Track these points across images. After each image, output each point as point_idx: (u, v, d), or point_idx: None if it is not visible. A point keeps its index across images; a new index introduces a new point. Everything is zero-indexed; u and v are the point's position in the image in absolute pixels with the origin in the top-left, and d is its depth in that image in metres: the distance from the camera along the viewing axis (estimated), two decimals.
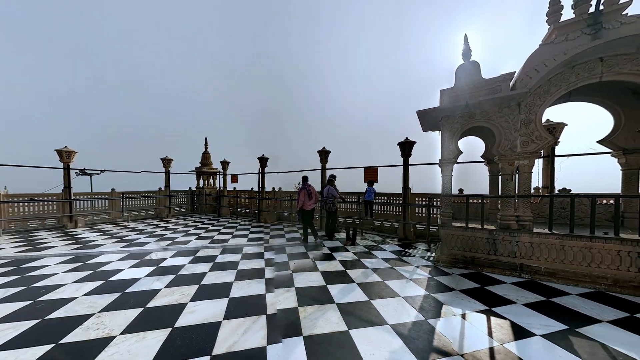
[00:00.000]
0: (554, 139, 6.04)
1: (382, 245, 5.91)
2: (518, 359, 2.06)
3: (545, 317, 2.66)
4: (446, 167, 4.56)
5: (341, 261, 4.68)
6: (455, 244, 4.37)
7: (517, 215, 3.94)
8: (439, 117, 4.65)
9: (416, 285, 3.53)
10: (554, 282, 3.56)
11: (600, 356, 2.08)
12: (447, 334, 2.40)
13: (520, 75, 3.91)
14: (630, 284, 3.20)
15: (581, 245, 3.48)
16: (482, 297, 3.16)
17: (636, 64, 3.26)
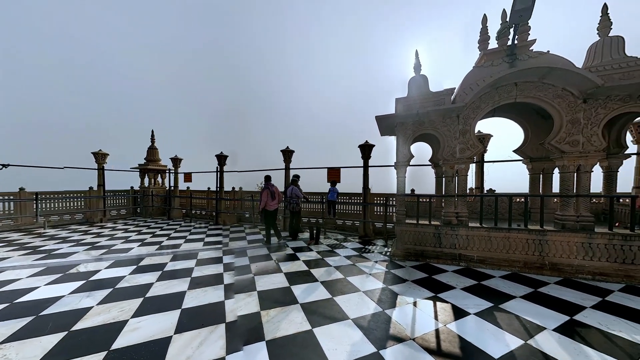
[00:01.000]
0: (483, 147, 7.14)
1: (344, 244, 6.14)
2: (457, 336, 2.38)
3: (478, 298, 3.14)
4: (400, 169, 5.01)
5: (305, 261, 4.70)
6: (408, 239, 4.82)
7: (457, 212, 4.55)
8: (394, 123, 5.07)
9: (375, 280, 3.77)
10: (484, 267, 4.22)
11: (515, 325, 2.55)
12: (401, 322, 2.63)
13: (459, 92, 4.55)
14: (534, 265, 4.00)
15: (502, 235, 4.21)
16: (429, 285, 3.55)
17: (538, 90, 4.12)
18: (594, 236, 3.75)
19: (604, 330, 2.45)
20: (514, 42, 4.15)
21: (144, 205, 11.29)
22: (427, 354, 2.15)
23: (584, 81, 3.68)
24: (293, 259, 4.81)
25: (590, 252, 3.77)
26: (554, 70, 3.79)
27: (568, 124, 3.92)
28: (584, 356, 2.10)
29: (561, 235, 3.91)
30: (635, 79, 3.58)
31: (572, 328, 2.49)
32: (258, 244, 6.08)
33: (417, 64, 4.94)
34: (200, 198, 10.83)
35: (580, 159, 3.88)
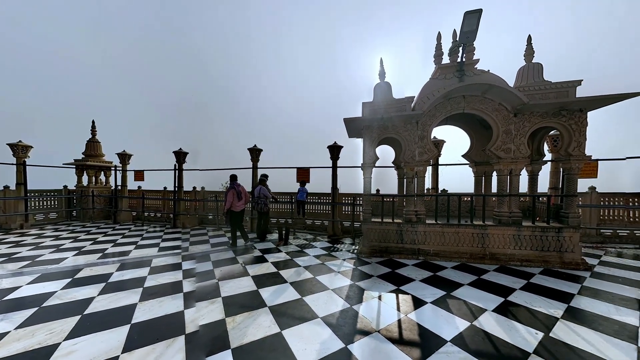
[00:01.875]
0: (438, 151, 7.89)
1: (313, 243, 6.19)
2: (416, 324, 2.60)
3: (433, 288, 3.46)
4: (367, 170, 5.26)
5: (273, 262, 4.61)
6: (373, 236, 5.08)
7: (416, 211, 4.96)
8: (361, 126, 5.31)
9: (343, 277, 3.89)
10: (438, 260, 4.67)
11: (463, 310, 2.89)
12: (367, 316, 2.76)
13: (418, 100, 4.98)
14: (478, 256, 4.58)
15: (453, 230, 4.73)
16: (393, 279, 3.79)
17: (481, 103, 4.74)
18: (521, 229, 4.46)
19: (528, 307, 2.92)
20: (462, 59, 4.72)
21: (82, 208, 9.73)
22: (390, 343, 2.30)
23: (515, 98, 4.37)
24: (261, 261, 4.67)
25: (519, 242, 4.47)
26: (492, 87, 4.41)
27: (503, 134, 4.60)
28: (515, 330, 2.48)
29: (498, 229, 4.56)
30: (549, 100, 4.37)
31: (506, 307, 2.92)
32: (223, 247, 5.76)
33: (382, 71, 5.26)
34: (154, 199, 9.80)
35: (512, 164, 4.59)
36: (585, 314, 2.77)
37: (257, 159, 7.98)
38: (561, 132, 4.51)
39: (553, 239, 4.35)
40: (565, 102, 4.21)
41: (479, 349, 2.22)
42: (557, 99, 4.32)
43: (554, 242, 4.34)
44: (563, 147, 4.50)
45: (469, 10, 4.29)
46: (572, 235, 4.29)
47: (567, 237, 4.30)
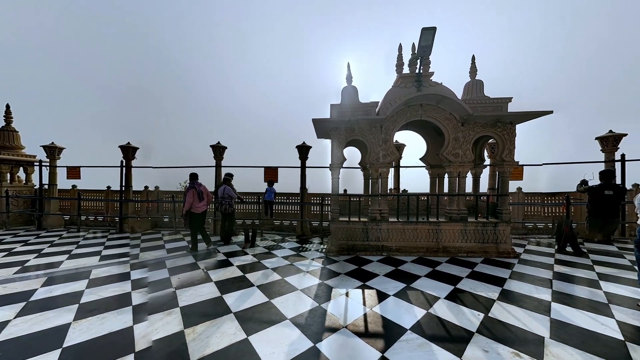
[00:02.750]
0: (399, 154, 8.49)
1: (282, 244, 6.09)
2: (380, 317, 2.76)
3: (395, 281, 3.72)
4: (335, 170, 5.40)
5: (239, 266, 4.40)
6: (341, 235, 5.23)
7: (380, 210, 5.27)
8: (329, 128, 5.43)
9: (312, 276, 3.91)
10: (400, 255, 5.03)
11: (421, 299, 3.16)
12: (335, 313, 2.83)
13: (382, 105, 5.31)
14: (433, 249, 5.07)
15: (412, 227, 5.15)
16: (359, 275, 3.96)
17: (435, 112, 5.27)
18: (467, 225, 5.08)
19: (472, 292, 3.34)
20: (420, 71, 5.19)
21: None
22: (357, 337, 2.39)
23: (462, 109, 4.97)
24: (225, 265, 4.42)
25: (465, 236, 5.08)
26: (444, 98, 4.94)
27: (453, 141, 5.19)
28: (462, 314, 2.81)
29: (449, 225, 5.11)
30: (488, 112, 5.08)
31: (455, 294, 3.29)
32: (181, 252, 5.29)
33: (349, 75, 5.46)
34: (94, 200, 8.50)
35: (460, 167, 5.20)
36: (514, 294, 3.29)
37: (220, 157, 7.54)
38: (497, 141, 5.27)
39: (491, 232, 5.06)
40: (500, 115, 4.94)
41: (433, 333, 2.45)
42: (494, 112, 5.05)
43: (492, 235, 5.05)
44: (498, 153, 5.27)
45: (425, 27, 4.74)
46: (505, 228, 5.05)
47: (501, 231, 5.04)
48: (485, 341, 2.32)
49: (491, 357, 2.11)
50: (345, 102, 5.40)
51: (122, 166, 7.58)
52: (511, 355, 2.12)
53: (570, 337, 2.36)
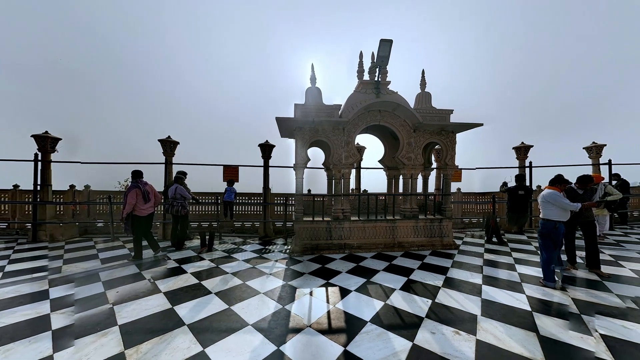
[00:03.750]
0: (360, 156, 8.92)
1: (243, 247, 5.81)
2: (343, 312, 2.86)
3: (357, 277, 3.90)
4: (299, 170, 5.40)
5: (194, 273, 4.05)
6: (305, 235, 5.25)
7: (343, 209, 5.46)
8: (293, 127, 5.41)
9: (275, 278, 3.83)
10: (361, 252, 5.30)
11: (379, 292, 3.39)
12: (299, 313, 2.83)
13: (344, 109, 5.52)
14: (389, 245, 5.49)
15: (372, 225, 5.48)
16: (323, 274, 4.03)
17: (392, 118, 5.72)
18: (418, 221, 5.65)
19: (422, 282, 3.73)
20: (379, 79, 5.57)
21: None
22: (321, 335, 2.44)
23: (414, 117, 5.50)
24: (178, 273, 4.02)
25: (417, 232, 5.64)
26: (399, 107, 5.41)
27: (407, 145, 5.71)
28: (414, 302, 3.11)
29: (403, 222, 5.60)
30: (435, 121, 5.74)
31: (408, 285, 3.62)
32: (121, 261, 4.60)
33: (313, 76, 5.53)
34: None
35: (412, 169, 5.74)
36: (455, 280, 3.78)
37: (171, 153, 6.81)
38: (442, 147, 5.99)
39: (437, 228, 5.72)
40: (444, 124, 5.63)
41: (390, 322, 2.65)
42: (439, 121, 5.73)
43: (438, 230, 5.71)
44: (443, 158, 5.99)
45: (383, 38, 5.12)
46: (448, 224, 5.77)
47: (445, 226, 5.74)
48: (432, 324, 2.61)
49: (437, 338, 2.38)
50: (309, 103, 5.44)
51: (36, 160, 6.21)
52: (452, 334, 2.44)
53: (495, 313, 2.82)
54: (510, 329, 2.52)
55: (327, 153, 6.94)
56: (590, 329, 2.48)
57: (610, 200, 4.64)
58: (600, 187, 4.58)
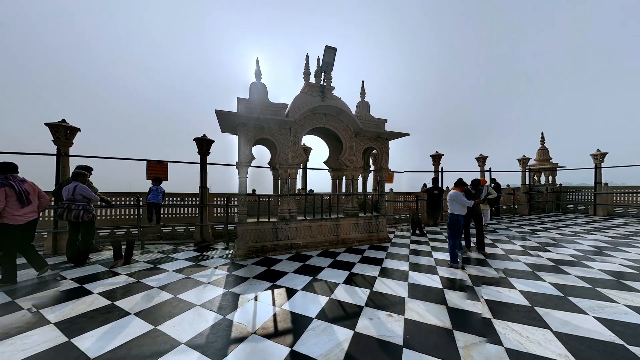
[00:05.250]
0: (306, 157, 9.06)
1: (174, 255, 5.07)
2: (290, 313, 2.86)
3: (303, 276, 3.96)
4: (242, 169, 5.09)
5: (105, 292, 3.30)
6: (249, 237, 4.99)
7: (289, 209, 5.44)
8: (236, 122, 5.07)
9: (215, 287, 3.50)
10: (307, 251, 5.39)
11: (324, 288, 3.53)
12: (243, 321, 2.67)
13: (291, 109, 5.52)
14: (334, 242, 5.79)
15: (317, 224, 5.66)
16: (269, 276, 3.92)
17: (336, 122, 6.05)
18: (359, 219, 6.16)
19: (362, 274, 4.09)
20: (324, 83, 5.81)
21: None
22: (267, 340, 2.37)
23: (355, 123, 5.98)
24: (79, 295, 3.20)
25: (358, 228, 6.13)
26: (343, 112, 5.78)
27: (349, 148, 6.14)
28: (355, 293, 3.37)
29: (346, 220, 6.00)
30: (372, 129, 6.39)
31: (351, 278, 3.91)
32: None
33: (258, 71, 5.31)
34: None
35: (354, 171, 6.22)
36: (388, 270, 4.30)
37: (67, 142, 5.35)
38: (378, 152, 6.71)
39: (374, 224, 6.36)
40: (380, 132, 6.33)
41: (334, 316, 2.80)
42: (376, 129, 6.40)
43: (375, 226, 6.37)
44: (378, 162, 6.72)
45: (328, 45, 5.38)
46: (383, 220, 6.50)
47: (380, 222, 6.44)
48: (371, 311, 2.90)
49: (375, 323, 2.66)
50: (254, 99, 5.21)
51: None
52: (387, 317, 2.77)
53: (418, 294, 3.35)
54: (428, 305, 3.04)
55: (273, 152, 6.79)
56: (478, 296, 3.24)
57: (490, 198, 6.17)
58: (485, 188, 6.03)
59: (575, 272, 4.08)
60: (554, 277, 3.85)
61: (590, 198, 11.42)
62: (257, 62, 5.31)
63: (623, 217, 10.37)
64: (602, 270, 4.12)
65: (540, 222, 9.38)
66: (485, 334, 2.45)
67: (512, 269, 4.27)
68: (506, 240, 6.46)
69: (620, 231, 7.51)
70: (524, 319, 2.69)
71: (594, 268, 4.25)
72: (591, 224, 8.84)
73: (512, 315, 2.77)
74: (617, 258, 4.81)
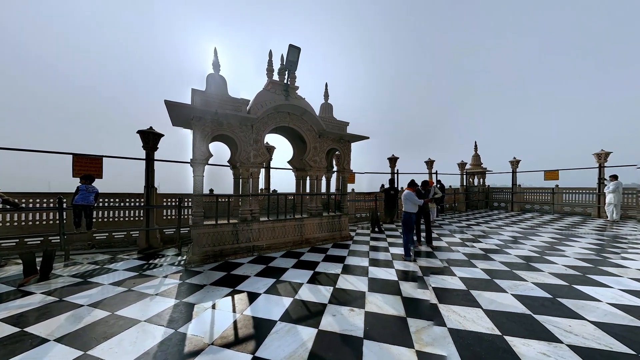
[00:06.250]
0: (270, 156, 8.81)
1: (110, 266, 4.39)
2: (252, 318, 2.74)
3: (266, 278, 3.84)
4: (198, 167, 4.69)
5: (8, 318, 2.67)
6: (206, 241, 4.61)
7: (251, 210, 5.22)
8: (190, 116, 4.66)
9: (164, 298, 3.15)
10: (270, 252, 5.25)
11: (288, 289, 3.49)
12: (198, 332, 2.46)
13: (253, 105, 5.31)
14: (298, 242, 5.77)
15: (281, 225, 5.56)
16: (228, 282, 3.69)
17: (300, 122, 6.05)
18: (322, 218, 6.27)
19: (326, 272, 4.17)
20: (288, 82, 5.75)
21: None
22: (226, 349, 2.23)
23: (319, 124, 6.08)
24: None
25: (321, 228, 6.23)
26: (307, 112, 5.81)
27: (313, 149, 6.21)
28: (319, 292, 3.42)
29: (310, 220, 6.04)
30: (335, 130, 6.58)
31: (315, 277, 3.95)
32: None
33: (216, 62, 4.97)
34: None
35: (318, 171, 6.31)
36: (350, 266, 4.48)
37: None
38: (340, 153, 6.94)
39: (337, 223, 6.56)
40: (342, 134, 6.56)
41: (298, 316, 2.80)
42: (339, 131, 6.62)
43: (337, 225, 6.56)
44: (341, 163, 6.96)
45: (292, 44, 5.35)
46: (345, 219, 6.74)
47: (343, 221, 6.67)
48: (334, 308, 2.98)
49: (338, 319, 2.74)
50: (212, 91, 4.86)
51: None
52: (349, 312, 2.88)
53: (377, 287, 3.58)
54: (386, 297, 3.27)
55: (233, 150, 6.43)
56: (427, 285, 3.62)
57: (436, 197, 6.96)
58: (432, 189, 6.78)
59: (499, 258, 4.89)
60: (483, 264, 4.55)
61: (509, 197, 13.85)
62: (215, 53, 4.96)
63: (530, 212, 12.85)
64: (517, 256, 5.04)
65: (474, 218, 10.96)
66: (432, 317, 2.75)
67: (453, 258, 4.89)
68: (449, 234, 7.37)
69: (529, 224, 9.28)
70: (462, 301, 3.11)
71: (511, 254, 5.17)
72: (509, 219, 10.71)
73: (454, 299, 3.18)
74: (527, 245, 5.93)
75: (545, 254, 5.11)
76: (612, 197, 9.13)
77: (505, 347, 2.25)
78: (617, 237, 6.71)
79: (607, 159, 10.40)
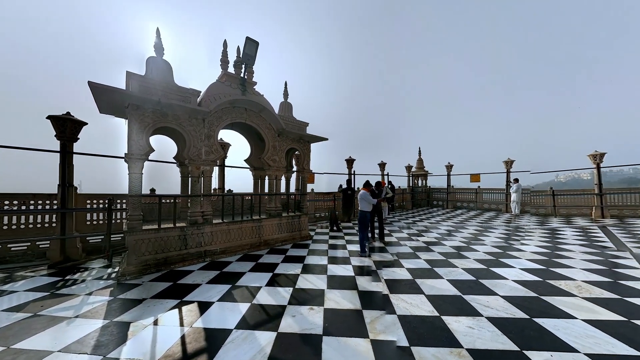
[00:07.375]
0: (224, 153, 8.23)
1: (5, 287, 3.44)
2: (203, 330, 2.51)
3: (220, 285, 3.56)
4: (135, 163, 4.05)
5: None
6: (146, 248, 4.02)
7: (203, 211, 4.77)
8: (125, 103, 4.02)
9: (89, 320, 2.62)
10: (225, 256, 4.89)
11: (245, 294, 3.31)
12: (136, 355, 2.13)
13: (205, 97, 4.88)
14: (256, 244, 5.52)
15: (237, 227, 5.24)
16: (175, 293, 3.29)
17: (258, 119, 5.81)
18: (282, 219, 6.14)
19: (285, 273, 4.09)
20: (244, 76, 5.46)
21: None
22: None
23: (278, 123, 5.95)
24: None
25: (281, 228, 6.10)
26: (265, 109, 5.63)
27: (272, 148, 6.04)
28: (278, 294, 3.34)
29: (269, 221, 5.85)
30: (295, 130, 6.54)
31: (274, 279, 3.84)
32: None
33: (159, 44, 4.40)
34: None
35: (277, 171, 6.16)
36: (310, 266, 4.51)
37: None
38: (300, 153, 6.94)
39: (296, 223, 6.52)
40: (302, 134, 6.57)
41: (256, 321, 2.68)
42: (299, 131, 6.61)
43: (297, 225, 6.53)
44: (301, 163, 6.96)
45: (249, 37, 5.13)
46: (304, 219, 6.75)
47: (302, 221, 6.67)
48: (294, 308, 2.95)
49: (298, 319, 2.72)
50: (154, 77, 4.29)
51: None
52: (308, 311, 2.89)
53: (335, 284, 3.69)
54: (344, 292, 3.40)
55: (181, 145, 5.79)
56: (380, 278, 3.91)
57: (388, 197, 7.59)
58: (384, 189, 7.36)
59: (437, 249, 5.61)
60: (426, 255, 5.15)
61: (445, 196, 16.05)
62: (158, 33, 4.38)
63: (461, 209, 15.14)
64: (451, 247, 5.86)
65: (418, 215, 12.32)
66: (384, 307, 2.97)
67: (402, 252, 5.39)
68: (398, 230, 8.11)
69: (459, 219, 10.91)
70: (409, 290, 3.45)
71: (447, 245, 5.98)
72: (445, 215, 12.40)
73: (402, 289, 3.50)
74: (458, 237, 6.96)
75: (471, 244, 6.08)
76: (515, 196, 11.43)
77: (442, 326, 2.59)
78: (518, 227, 8.44)
79: (512, 165, 13.01)
